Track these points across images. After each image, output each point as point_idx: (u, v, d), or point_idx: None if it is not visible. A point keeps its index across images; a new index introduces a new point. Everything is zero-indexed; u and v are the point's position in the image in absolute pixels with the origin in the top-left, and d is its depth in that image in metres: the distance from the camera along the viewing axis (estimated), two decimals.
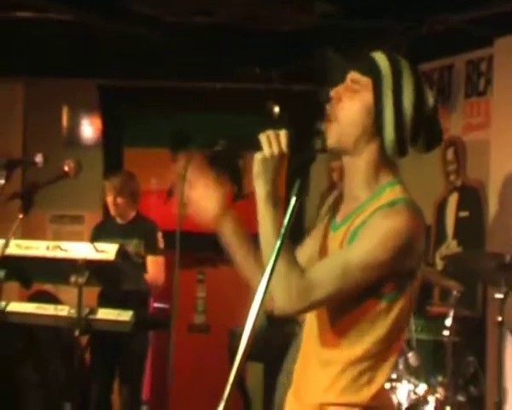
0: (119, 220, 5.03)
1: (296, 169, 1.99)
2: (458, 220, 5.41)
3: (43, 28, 5.69)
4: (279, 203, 2.00)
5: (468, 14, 4.92)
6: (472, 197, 5.29)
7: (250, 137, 2.02)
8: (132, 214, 5.03)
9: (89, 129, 6.76)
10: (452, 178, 5.49)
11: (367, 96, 2.02)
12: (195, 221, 2.13)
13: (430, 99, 2.05)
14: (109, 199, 5.01)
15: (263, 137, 1.98)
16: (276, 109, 6.05)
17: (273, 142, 1.97)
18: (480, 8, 4.82)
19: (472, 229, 5.27)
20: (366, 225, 1.98)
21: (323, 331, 2.06)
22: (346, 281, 1.94)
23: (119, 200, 4.97)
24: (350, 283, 1.94)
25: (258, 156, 1.99)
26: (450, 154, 5.45)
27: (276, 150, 1.97)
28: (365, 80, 2.03)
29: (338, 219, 2.12)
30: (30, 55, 6.00)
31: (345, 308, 2.00)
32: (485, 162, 5.07)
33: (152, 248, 4.86)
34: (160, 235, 4.94)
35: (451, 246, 5.41)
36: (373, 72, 2.03)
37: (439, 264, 5.43)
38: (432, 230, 5.55)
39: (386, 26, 5.31)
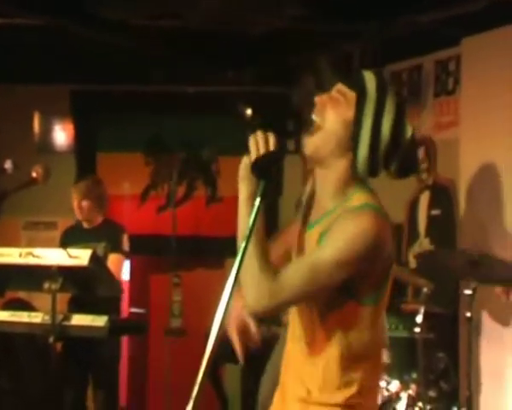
0: (86, 225, 5.05)
1: (262, 170, 2.00)
2: (430, 218, 5.45)
3: (12, 34, 5.66)
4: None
5: (436, 15, 4.97)
6: (443, 196, 5.34)
7: (223, 140, 2.03)
8: (100, 219, 5.04)
9: (61, 135, 6.73)
10: (424, 176, 5.53)
11: (349, 111, 2.05)
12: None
13: (409, 131, 2.07)
14: (75, 203, 5.04)
15: (252, 140, 1.99)
16: (249, 112, 6.06)
17: (261, 144, 1.98)
18: (447, 8, 4.88)
19: (443, 227, 5.32)
20: (333, 227, 2.01)
21: (307, 331, 2.10)
22: (314, 282, 1.97)
23: (84, 203, 4.99)
24: (319, 283, 1.98)
25: (246, 160, 2.00)
26: (421, 153, 5.49)
27: (263, 153, 1.98)
28: (351, 95, 2.06)
29: (312, 218, 2.16)
30: (0, 62, 5.97)
31: (328, 309, 2.04)
32: (456, 161, 5.11)
33: (115, 248, 4.87)
34: (125, 237, 4.96)
35: (424, 244, 5.45)
36: (359, 88, 2.05)
37: (412, 262, 5.47)
38: (404, 228, 5.60)
39: (355, 29, 5.35)
